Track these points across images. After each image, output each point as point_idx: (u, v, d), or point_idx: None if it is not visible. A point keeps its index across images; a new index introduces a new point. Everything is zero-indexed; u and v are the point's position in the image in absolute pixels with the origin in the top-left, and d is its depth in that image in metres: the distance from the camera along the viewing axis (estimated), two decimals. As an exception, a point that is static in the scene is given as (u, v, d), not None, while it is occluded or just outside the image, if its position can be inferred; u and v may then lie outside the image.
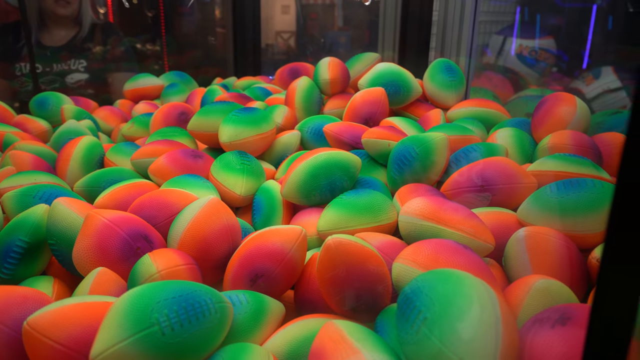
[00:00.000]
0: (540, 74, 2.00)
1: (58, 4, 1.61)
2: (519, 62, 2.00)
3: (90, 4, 1.72)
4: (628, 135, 0.27)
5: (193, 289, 0.47)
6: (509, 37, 2.02)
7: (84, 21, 1.68)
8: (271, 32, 3.19)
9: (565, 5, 2.13)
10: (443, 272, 0.44)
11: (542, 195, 0.64)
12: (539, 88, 1.93)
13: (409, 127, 0.94)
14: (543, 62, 2.00)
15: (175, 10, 2.25)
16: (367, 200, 0.70)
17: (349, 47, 3.12)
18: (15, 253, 0.63)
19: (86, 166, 0.91)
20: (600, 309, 0.31)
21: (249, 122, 0.89)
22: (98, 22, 1.77)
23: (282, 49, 3.29)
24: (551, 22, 2.12)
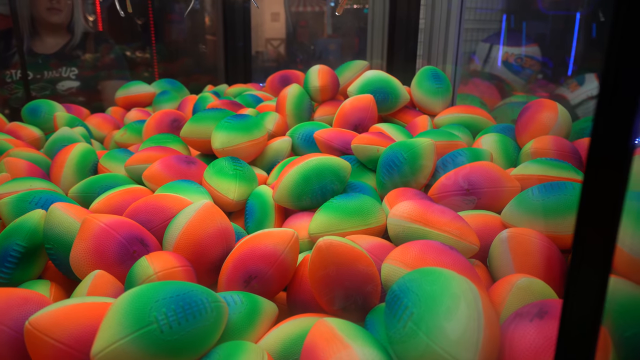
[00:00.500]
0: (526, 80, 2.04)
1: (50, 12, 1.62)
2: (505, 69, 2.05)
3: (82, 13, 1.73)
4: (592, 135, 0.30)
5: (190, 288, 0.49)
6: (495, 44, 2.07)
7: (75, 29, 1.70)
8: (261, 39, 3.22)
9: (550, 13, 2.18)
10: (429, 271, 0.46)
11: (524, 198, 0.67)
12: (524, 95, 1.98)
13: (397, 133, 0.96)
14: (529, 69, 2.04)
15: (165, 18, 2.27)
16: (357, 204, 0.72)
17: (338, 55, 3.16)
18: (12, 257, 0.65)
19: (80, 173, 0.92)
20: (571, 300, 0.33)
21: (241, 129, 0.91)
22: (90, 31, 1.78)
23: (272, 56, 3.31)
24: (536, 29, 2.17)
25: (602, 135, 0.29)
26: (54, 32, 1.66)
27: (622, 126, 0.32)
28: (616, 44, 0.30)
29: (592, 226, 0.32)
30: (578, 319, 0.32)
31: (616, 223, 0.34)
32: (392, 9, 1.36)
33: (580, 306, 0.32)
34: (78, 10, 1.70)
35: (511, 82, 2.03)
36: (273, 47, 3.33)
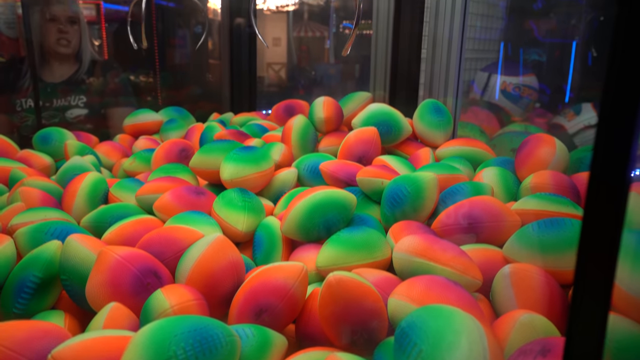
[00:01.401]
0: (524, 109, 2.09)
1: (59, 43, 1.66)
2: (504, 97, 2.09)
3: (89, 41, 1.78)
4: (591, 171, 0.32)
5: (206, 323, 0.51)
6: (494, 73, 2.11)
7: (83, 58, 1.74)
8: (262, 63, 3.28)
9: (546, 41, 2.24)
10: (435, 308, 0.48)
11: (525, 233, 0.69)
12: (523, 124, 2.02)
13: (401, 165, 0.99)
14: (527, 98, 2.08)
15: (169, 44, 2.32)
16: (363, 237, 0.74)
17: (339, 80, 3.21)
18: (28, 288, 0.66)
19: (91, 202, 0.95)
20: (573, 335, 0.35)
21: (249, 161, 0.94)
22: (97, 59, 1.82)
23: (274, 81, 3.37)
24: (533, 57, 2.22)
25: (599, 174, 0.32)
26: (63, 61, 1.70)
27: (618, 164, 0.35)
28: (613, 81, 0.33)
29: (591, 262, 0.34)
30: (580, 357, 0.34)
31: (614, 257, 0.37)
32: (395, 39, 1.40)
33: (582, 344, 0.34)
34: (86, 40, 1.74)
35: (510, 111, 2.07)
36: (274, 71, 3.39)
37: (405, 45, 1.41)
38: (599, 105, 0.35)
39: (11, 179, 1.03)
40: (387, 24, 1.43)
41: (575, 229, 0.65)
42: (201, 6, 1.34)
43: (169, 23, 2.30)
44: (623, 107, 0.36)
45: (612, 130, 0.37)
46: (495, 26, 2.27)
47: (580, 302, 0.38)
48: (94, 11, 2.26)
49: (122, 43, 2.32)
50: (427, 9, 1.36)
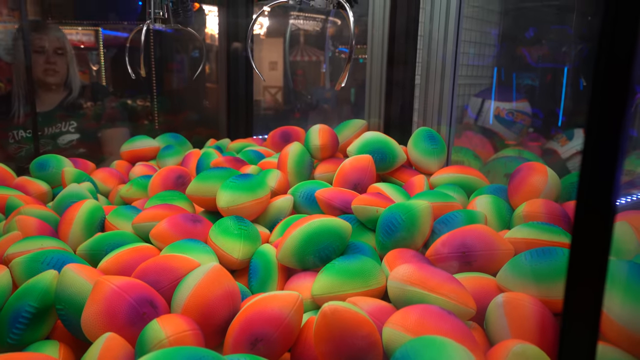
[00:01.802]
0: (517, 134, 2.11)
1: (47, 73, 1.68)
2: (498, 122, 2.12)
3: (76, 69, 1.79)
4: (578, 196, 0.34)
5: (202, 354, 0.51)
6: (487, 99, 2.15)
7: (73, 86, 1.76)
8: (259, 87, 3.31)
9: (539, 66, 2.28)
10: (429, 339, 0.49)
11: (517, 262, 0.70)
12: (516, 148, 2.04)
13: (396, 193, 1.00)
14: (520, 123, 2.11)
15: (167, 68, 2.34)
16: (357, 266, 0.75)
17: (335, 103, 3.25)
18: (24, 318, 0.66)
19: (88, 229, 0.95)
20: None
21: (245, 189, 0.95)
22: (86, 85, 1.84)
23: (270, 104, 3.40)
24: (526, 82, 2.26)
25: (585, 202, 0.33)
26: (52, 90, 1.72)
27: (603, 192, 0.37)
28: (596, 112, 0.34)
29: (579, 290, 0.35)
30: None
31: (602, 285, 0.38)
32: (389, 66, 1.43)
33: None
34: (74, 68, 1.76)
35: (503, 135, 2.10)
36: (271, 94, 3.43)
37: (399, 72, 1.44)
38: (584, 135, 0.36)
39: (8, 207, 1.03)
40: (381, 50, 1.46)
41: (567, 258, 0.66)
42: (199, 37, 1.36)
43: (166, 48, 2.33)
44: (607, 136, 0.38)
45: (597, 159, 0.38)
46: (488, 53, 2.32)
47: (569, 330, 0.39)
48: (93, 37, 2.29)
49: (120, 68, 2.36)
50: (420, 37, 1.39)
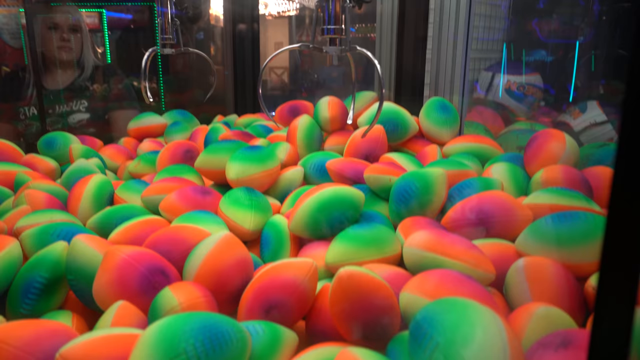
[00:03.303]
0: (529, 108, 2.07)
1: (61, 49, 1.66)
2: (508, 97, 2.08)
3: (91, 47, 1.78)
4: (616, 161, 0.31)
5: (216, 319, 0.50)
6: (497, 73, 2.10)
7: (85, 64, 1.74)
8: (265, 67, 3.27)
9: (549, 41, 2.23)
10: (452, 301, 0.47)
11: (538, 227, 0.68)
12: (528, 122, 2.00)
13: (408, 162, 0.98)
14: (531, 97, 2.07)
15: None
16: (372, 233, 0.73)
17: (342, 83, 3.20)
18: (35, 289, 0.66)
19: (97, 204, 0.94)
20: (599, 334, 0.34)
21: (255, 160, 0.93)
22: (99, 64, 1.82)
23: (276, 85, 3.37)
24: (536, 58, 2.21)
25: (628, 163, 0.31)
26: (65, 68, 1.70)
27: None
28: None
29: (616, 251, 0.33)
30: (607, 349, 0.33)
31: None
32: (399, 40, 1.39)
33: (609, 336, 0.33)
34: (87, 46, 1.74)
35: (514, 110, 2.06)
36: (277, 75, 3.39)
37: (410, 47, 1.41)
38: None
39: (16, 183, 1.02)
40: (391, 26, 1.43)
41: (591, 221, 0.64)
42: (209, 59, 1.34)
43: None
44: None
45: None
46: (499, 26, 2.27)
47: (606, 293, 0.36)
48: (97, 19, 2.26)
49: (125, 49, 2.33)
50: (431, 10, 1.36)
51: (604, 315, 0.34)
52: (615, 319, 0.34)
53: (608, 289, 0.34)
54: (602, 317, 0.34)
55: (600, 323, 0.34)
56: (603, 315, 0.34)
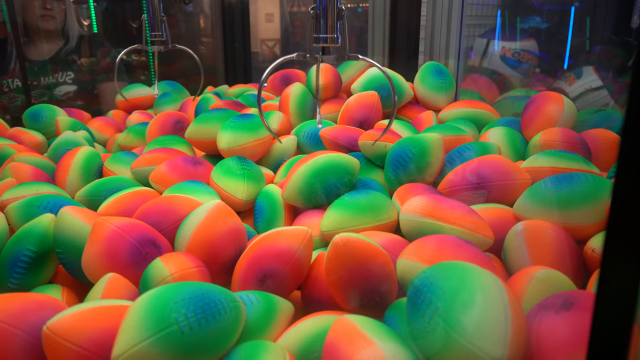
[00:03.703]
0: (524, 75, 2.04)
1: (43, 19, 1.60)
2: (503, 64, 2.04)
3: (75, 17, 1.72)
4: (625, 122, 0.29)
5: (208, 289, 0.49)
6: (492, 39, 2.07)
7: (70, 34, 1.68)
8: (256, 40, 3.21)
9: (544, 8, 2.18)
10: (451, 264, 0.46)
11: (537, 190, 0.66)
12: (523, 89, 1.98)
13: (403, 129, 0.96)
14: (526, 64, 2.04)
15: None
16: (368, 200, 0.71)
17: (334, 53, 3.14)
18: (23, 262, 0.64)
19: (85, 176, 0.92)
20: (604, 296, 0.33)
21: (246, 128, 0.91)
22: (84, 34, 1.77)
23: (268, 57, 3.30)
24: (531, 24, 2.17)
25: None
26: (48, 38, 1.65)
27: None
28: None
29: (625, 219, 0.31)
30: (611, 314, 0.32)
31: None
32: (393, 6, 1.35)
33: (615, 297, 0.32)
34: (71, 15, 1.68)
35: (509, 77, 2.03)
36: (268, 47, 3.33)
37: (404, 11, 1.37)
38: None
39: (1, 156, 0.99)
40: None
41: (591, 183, 0.63)
42: (196, 57, 1.28)
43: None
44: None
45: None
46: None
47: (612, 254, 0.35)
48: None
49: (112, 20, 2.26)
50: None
51: (610, 277, 0.33)
52: (621, 279, 0.33)
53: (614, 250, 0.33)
54: (608, 278, 0.33)
55: (606, 284, 0.33)
56: (609, 277, 0.33)
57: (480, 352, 0.38)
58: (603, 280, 0.33)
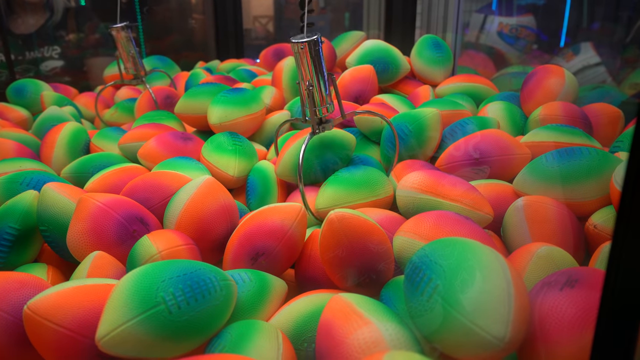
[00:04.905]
0: (521, 51, 2.01)
1: None
2: (500, 39, 2.01)
3: None
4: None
5: (197, 267, 0.47)
6: (489, 15, 2.02)
7: (55, 6, 1.62)
8: (248, 16, 3.14)
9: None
10: (450, 240, 0.44)
11: (537, 165, 0.64)
12: (521, 65, 1.95)
13: (400, 104, 0.93)
14: (523, 40, 2.00)
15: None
16: (363, 175, 0.69)
17: (328, 30, 3.09)
18: (5, 241, 0.61)
19: (72, 152, 0.89)
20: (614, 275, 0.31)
21: (238, 103, 0.88)
22: (71, 7, 1.71)
23: (261, 34, 3.24)
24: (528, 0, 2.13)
25: None
26: (32, 10, 1.59)
27: None
28: None
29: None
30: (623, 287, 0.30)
31: None
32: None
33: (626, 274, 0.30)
34: None
35: (506, 53, 1.99)
36: (261, 24, 3.26)
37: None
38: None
39: (-16, 132, 0.96)
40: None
41: (594, 157, 0.61)
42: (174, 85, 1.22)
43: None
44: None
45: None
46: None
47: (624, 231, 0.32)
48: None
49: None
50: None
51: (621, 253, 0.31)
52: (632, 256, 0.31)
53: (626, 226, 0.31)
54: (619, 255, 0.31)
55: (616, 261, 0.31)
56: (620, 253, 0.31)
57: (482, 332, 0.37)
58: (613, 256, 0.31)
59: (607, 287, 0.31)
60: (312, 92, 0.66)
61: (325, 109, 0.68)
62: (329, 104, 0.68)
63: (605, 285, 0.31)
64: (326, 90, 0.68)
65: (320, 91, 0.67)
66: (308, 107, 0.67)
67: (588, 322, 0.38)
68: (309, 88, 0.66)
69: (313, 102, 0.67)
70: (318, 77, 0.66)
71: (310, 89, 0.66)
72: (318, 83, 0.66)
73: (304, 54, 0.65)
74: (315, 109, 0.67)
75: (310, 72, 0.66)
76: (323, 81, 0.67)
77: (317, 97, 0.67)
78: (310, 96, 0.66)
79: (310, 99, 0.67)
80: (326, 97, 0.68)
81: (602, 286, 0.31)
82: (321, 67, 0.66)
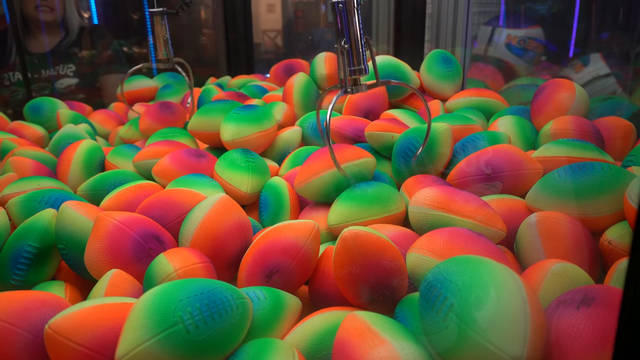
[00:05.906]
0: (529, 63, 2.01)
1: (41, 10, 1.58)
2: (508, 52, 2.01)
3: (75, 8, 1.69)
4: None
5: (214, 286, 0.47)
6: (497, 27, 2.03)
7: (69, 26, 1.66)
8: (257, 31, 3.17)
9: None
10: (465, 259, 0.44)
11: (550, 180, 0.65)
12: (530, 77, 1.95)
13: (410, 119, 0.94)
14: (532, 52, 2.01)
15: (162, 12, 2.23)
16: (375, 191, 0.70)
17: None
18: (24, 259, 0.63)
19: (87, 170, 0.90)
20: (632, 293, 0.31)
21: (250, 120, 0.89)
22: (85, 26, 1.74)
23: (270, 48, 3.27)
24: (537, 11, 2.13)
25: None
26: (48, 30, 1.62)
27: None
28: None
29: None
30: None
31: None
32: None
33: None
34: (71, 6, 1.66)
35: (515, 65, 2.00)
36: (270, 38, 3.29)
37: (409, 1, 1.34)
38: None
39: (2, 150, 0.98)
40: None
41: (607, 172, 0.61)
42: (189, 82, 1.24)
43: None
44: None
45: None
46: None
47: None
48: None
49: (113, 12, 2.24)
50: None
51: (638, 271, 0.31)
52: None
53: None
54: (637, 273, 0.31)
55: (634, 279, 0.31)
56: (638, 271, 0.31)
57: (499, 351, 0.37)
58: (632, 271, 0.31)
59: (625, 305, 0.31)
60: (349, 50, 0.68)
61: (358, 70, 0.69)
62: (364, 66, 0.69)
63: (623, 304, 0.31)
64: (362, 51, 0.69)
65: (355, 51, 0.68)
66: (342, 67, 0.69)
67: (606, 342, 0.38)
68: (344, 46, 0.67)
69: (349, 62, 0.68)
70: (355, 38, 0.68)
71: (346, 46, 0.67)
72: (354, 43, 0.68)
73: (343, 12, 0.66)
74: (350, 69, 0.69)
75: (349, 31, 0.67)
76: (360, 42, 0.68)
77: (353, 57, 0.68)
78: (345, 55, 0.68)
79: (346, 58, 0.68)
80: (362, 59, 0.69)
81: (620, 305, 0.31)
82: (358, 29, 0.68)
